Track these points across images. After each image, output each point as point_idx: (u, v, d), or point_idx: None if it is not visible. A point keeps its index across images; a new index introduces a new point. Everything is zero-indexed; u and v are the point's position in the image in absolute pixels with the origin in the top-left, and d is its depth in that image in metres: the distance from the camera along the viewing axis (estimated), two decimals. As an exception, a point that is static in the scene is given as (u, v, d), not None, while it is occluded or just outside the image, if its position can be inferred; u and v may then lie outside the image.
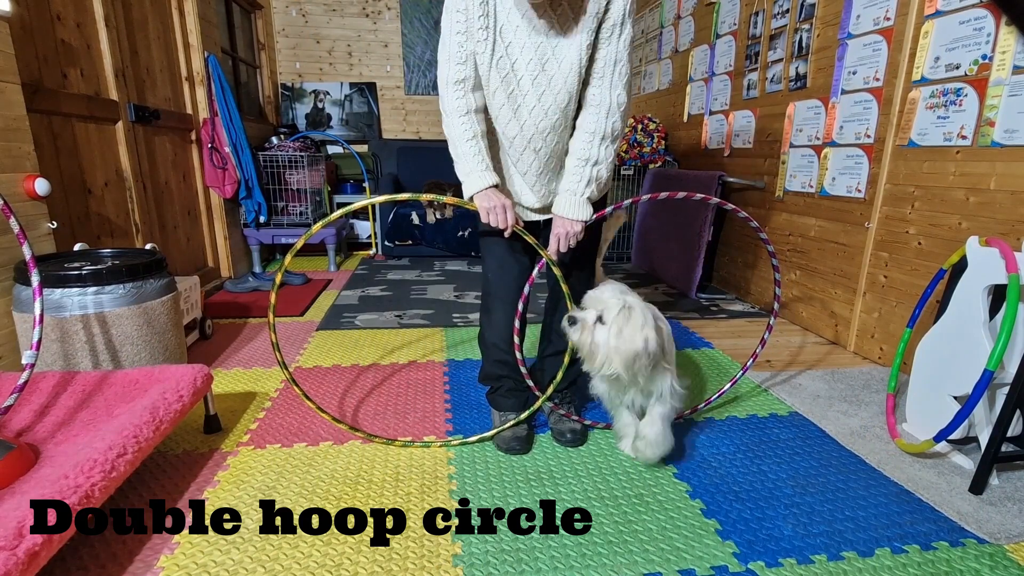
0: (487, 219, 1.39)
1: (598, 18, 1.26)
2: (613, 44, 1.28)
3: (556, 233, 1.42)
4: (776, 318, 1.72)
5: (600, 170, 1.37)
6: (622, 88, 1.32)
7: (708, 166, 3.65)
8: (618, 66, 1.30)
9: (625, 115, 1.36)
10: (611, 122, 1.33)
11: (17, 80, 1.77)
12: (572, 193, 1.39)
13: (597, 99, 1.33)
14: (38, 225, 1.86)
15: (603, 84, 1.31)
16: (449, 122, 1.40)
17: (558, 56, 1.28)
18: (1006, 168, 1.79)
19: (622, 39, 1.28)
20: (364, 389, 2.02)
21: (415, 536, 1.27)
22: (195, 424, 1.74)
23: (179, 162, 3.11)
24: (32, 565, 0.93)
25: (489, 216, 1.38)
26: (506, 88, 1.34)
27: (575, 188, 1.38)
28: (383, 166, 4.78)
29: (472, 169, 1.39)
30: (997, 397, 1.51)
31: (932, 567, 1.19)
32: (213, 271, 3.48)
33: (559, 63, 1.29)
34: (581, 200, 1.39)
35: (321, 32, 4.82)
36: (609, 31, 1.27)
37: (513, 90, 1.33)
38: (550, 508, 1.36)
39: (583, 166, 1.37)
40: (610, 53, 1.29)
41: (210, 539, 1.24)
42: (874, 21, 2.29)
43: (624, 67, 1.32)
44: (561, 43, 1.27)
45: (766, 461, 1.59)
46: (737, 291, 3.37)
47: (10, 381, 1.47)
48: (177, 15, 3.10)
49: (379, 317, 2.88)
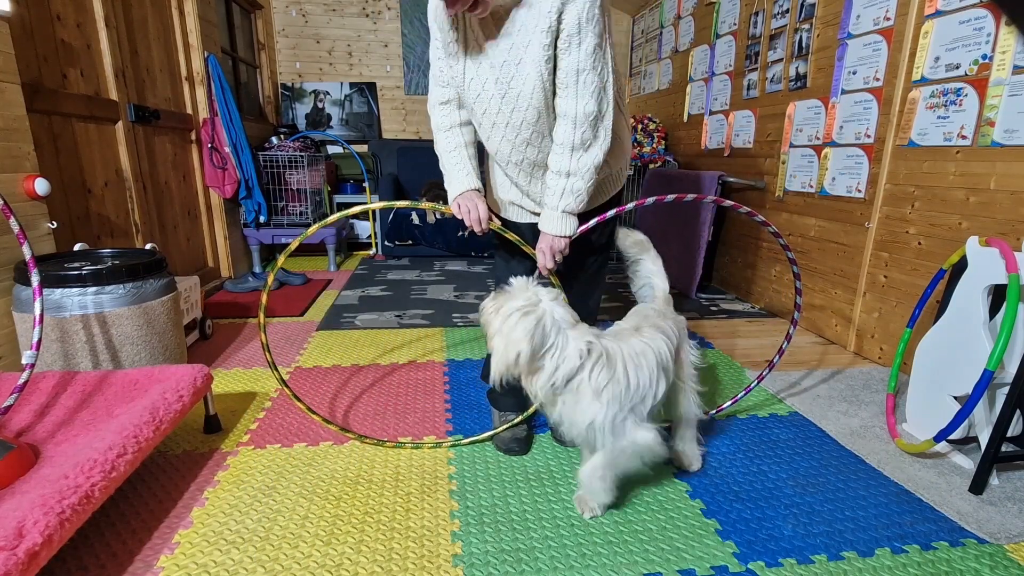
0: (459, 214, 1.46)
1: (552, 32, 1.23)
2: (573, 54, 1.24)
3: (540, 248, 1.42)
4: (796, 327, 1.70)
5: (575, 182, 1.34)
6: (589, 97, 1.27)
7: (708, 166, 3.65)
8: (582, 76, 1.26)
9: (596, 124, 1.31)
10: (579, 132, 1.30)
11: (17, 80, 1.77)
12: (551, 208, 1.38)
13: (563, 110, 1.30)
14: (38, 225, 1.86)
15: (568, 95, 1.29)
16: (436, 137, 1.50)
17: (521, 73, 1.29)
18: (1006, 168, 1.79)
19: (583, 48, 1.23)
20: (364, 389, 2.02)
21: (415, 536, 1.27)
22: (195, 424, 1.74)
23: (179, 162, 3.11)
24: (32, 565, 0.93)
25: (465, 218, 1.45)
26: (480, 107, 1.38)
27: (552, 203, 1.38)
28: (383, 166, 4.77)
29: (453, 177, 1.47)
30: (997, 397, 1.51)
31: (932, 567, 1.19)
32: (213, 271, 3.48)
33: (523, 80, 1.29)
34: (559, 215, 1.37)
35: (321, 32, 4.82)
36: (567, 42, 1.24)
37: (486, 108, 1.37)
38: (550, 508, 1.36)
39: (557, 179, 1.36)
40: (571, 64, 1.25)
41: (210, 539, 1.24)
42: (874, 21, 2.29)
43: (589, 76, 1.26)
44: (523, 60, 1.27)
45: (766, 461, 1.59)
46: (737, 291, 3.37)
47: (10, 381, 1.47)
48: (177, 15, 3.10)
49: (379, 317, 2.88)
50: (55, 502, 1.01)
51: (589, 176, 1.34)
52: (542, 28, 1.22)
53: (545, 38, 1.22)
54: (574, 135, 1.30)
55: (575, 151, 1.32)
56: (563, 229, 1.38)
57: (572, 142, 1.31)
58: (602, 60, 1.27)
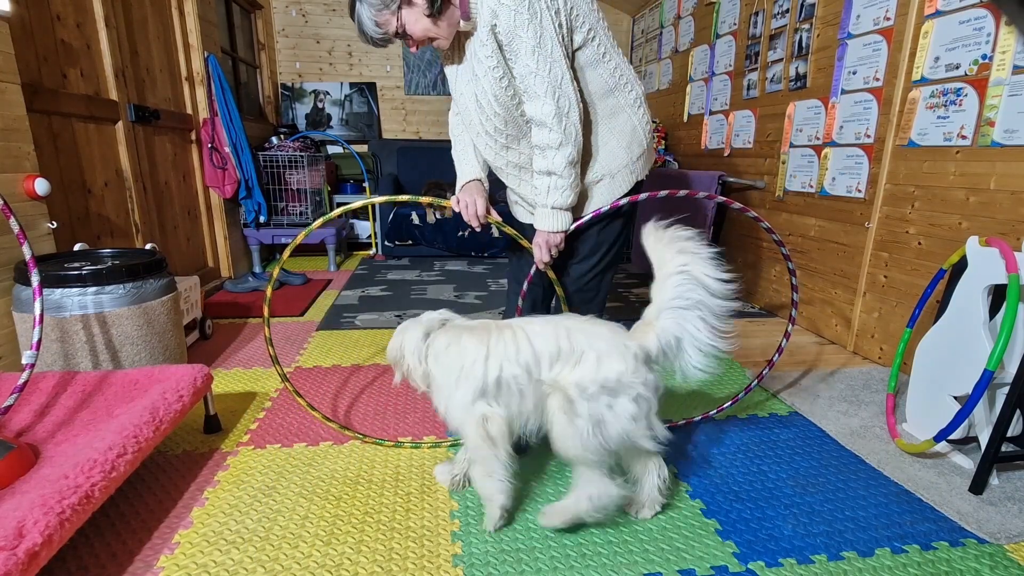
0: (458, 208, 1.51)
1: (493, 44, 1.28)
2: (520, 60, 1.28)
3: (536, 243, 1.47)
4: (793, 325, 1.70)
5: (556, 180, 1.38)
6: (544, 98, 1.30)
7: (708, 166, 3.65)
8: (532, 79, 1.28)
9: (561, 121, 1.32)
10: (546, 133, 1.34)
11: (17, 80, 1.77)
12: (541, 206, 1.43)
13: (529, 114, 1.35)
14: (38, 225, 1.86)
15: (528, 99, 1.33)
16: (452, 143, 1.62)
17: (480, 88, 1.37)
18: (1006, 168, 1.79)
19: (523, 53, 1.26)
20: (364, 389, 2.02)
21: (415, 536, 1.27)
22: (195, 424, 1.74)
23: (179, 162, 3.11)
24: (32, 565, 0.93)
25: (461, 208, 1.50)
26: (467, 117, 1.48)
27: (541, 200, 1.43)
28: (383, 166, 4.77)
29: (459, 170, 1.58)
30: (997, 397, 1.51)
31: (932, 567, 1.19)
32: (213, 271, 3.48)
33: (483, 93, 1.37)
34: (550, 211, 1.42)
35: (321, 32, 4.81)
36: (509, 52, 1.29)
37: (471, 119, 1.46)
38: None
39: (541, 178, 1.41)
40: (521, 70, 1.29)
41: (210, 539, 1.24)
42: (874, 21, 2.29)
43: (537, 79, 1.28)
44: (477, 76, 1.36)
45: (766, 461, 1.59)
46: (737, 291, 3.37)
47: (10, 381, 1.47)
48: (177, 15, 3.10)
49: (379, 317, 2.88)
50: (55, 502, 1.01)
51: (567, 173, 1.37)
52: (483, 43, 1.30)
53: (488, 51, 1.30)
54: (544, 136, 1.35)
55: (548, 151, 1.36)
56: (555, 225, 1.43)
57: (545, 143, 1.36)
58: (548, 59, 1.27)
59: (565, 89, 1.30)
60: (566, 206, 1.41)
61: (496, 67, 1.31)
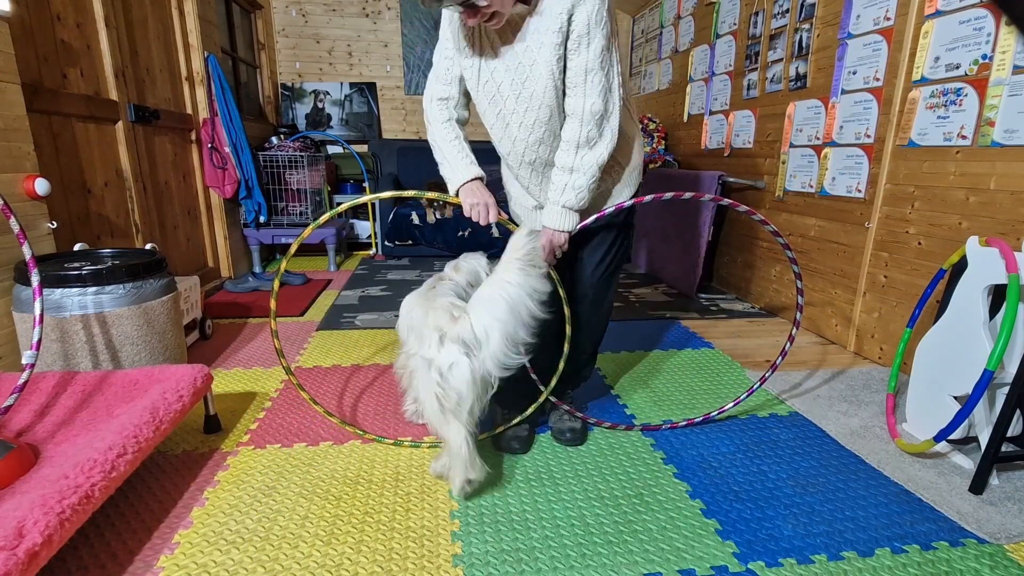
0: (469, 213, 1.46)
1: (563, 32, 1.28)
2: (582, 55, 1.29)
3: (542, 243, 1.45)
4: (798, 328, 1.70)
5: (577, 178, 1.38)
6: (596, 96, 1.32)
7: (708, 166, 3.65)
8: (590, 75, 1.31)
9: (602, 123, 1.35)
10: (586, 130, 1.35)
11: (17, 80, 1.77)
12: (553, 203, 1.42)
13: (571, 108, 1.35)
14: (38, 225, 1.86)
15: (576, 94, 1.34)
16: (432, 129, 1.51)
17: (534, 74, 1.34)
18: (1006, 168, 1.79)
19: (591, 49, 1.29)
20: (364, 389, 2.02)
21: (415, 536, 1.27)
22: (195, 424, 1.74)
23: (179, 162, 3.11)
24: (32, 565, 0.93)
25: (471, 212, 1.45)
26: (494, 108, 1.43)
27: (555, 197, 1.41)
28: (383, 166, 4.77)
29: (456, 165, 1.48)
30: (997, 397, 1.51)
31: (932, 567, 1.19)
32: (213, 271, 3.48)
33: (536, 80, 1.34)
34: (560, 210, 1.41)
35: (321, 32, 4.82)
36: (576, 43, 1.29)
37: (501, 109, 1.42)
38: (550, 508, 1.36)
39: (560, 174, 1.40)
40: (580, 64, 1.30)
41: (210, 539, 1.24)
42: (874, 21, 2.29)
43: (596, 76, 1.31)
44: (536, 61, 1.33)
45: (766, 461, 1.59)
46: (737, 291, 3.37)
47: (10, 381, 1.47)
48: (177, 15, 3.10)
49: (379, 317, 2.88)
50: (55, 502, 1.01)
51: (592, 174, 1.38)
52: (553, 30, 1.28)
53: (556, 39, 1.28)
54: (580, 132, 1.35)
55: (580, 148, 1.36)
56: (562, 224, 1.42)
57: (578, 139, 1.35)
58: (609, 61, 1.32)
59: (615, 92, 1.34)
60: (577, 207, 1.41)
61: (559, 53, 1.30)
